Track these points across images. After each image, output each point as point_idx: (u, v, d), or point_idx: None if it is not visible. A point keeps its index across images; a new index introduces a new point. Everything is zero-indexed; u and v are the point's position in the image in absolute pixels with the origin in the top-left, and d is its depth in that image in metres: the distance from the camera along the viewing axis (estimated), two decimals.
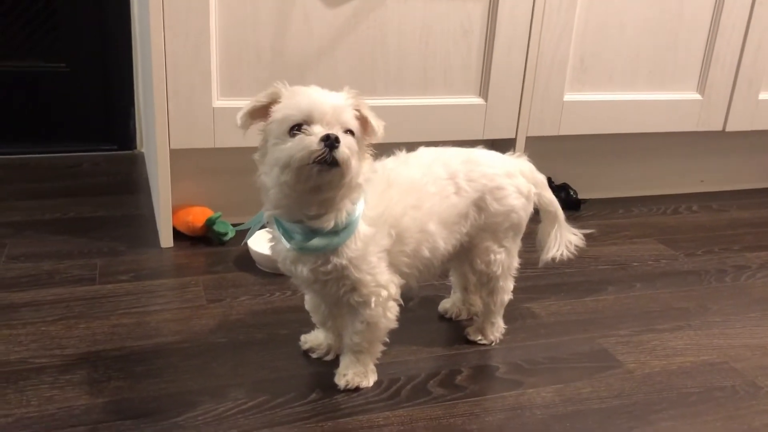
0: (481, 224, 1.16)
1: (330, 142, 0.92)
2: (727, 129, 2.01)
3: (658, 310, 1.44)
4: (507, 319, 1.33)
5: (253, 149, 1.03)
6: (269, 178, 0.99)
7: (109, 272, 1.44)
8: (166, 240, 1.57)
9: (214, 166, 1.64)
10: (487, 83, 1.70)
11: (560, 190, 1.98)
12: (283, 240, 1.03)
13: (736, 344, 1.32)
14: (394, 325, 1.11)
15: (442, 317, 1.36)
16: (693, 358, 1.27)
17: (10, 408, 1.01)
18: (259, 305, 1.35)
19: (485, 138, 1.75)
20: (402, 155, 1.17)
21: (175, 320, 1.28)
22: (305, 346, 1.20)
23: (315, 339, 1.20)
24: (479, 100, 1.72)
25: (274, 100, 0.99)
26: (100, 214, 1.74)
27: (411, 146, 1.44)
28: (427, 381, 1.15)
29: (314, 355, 1.19)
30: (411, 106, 1.67)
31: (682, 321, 1.40)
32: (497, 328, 1.27)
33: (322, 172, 0.93)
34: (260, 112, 1.00)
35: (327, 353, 1.19)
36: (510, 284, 1.25)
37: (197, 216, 1.59)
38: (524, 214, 1.20)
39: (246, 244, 1.47)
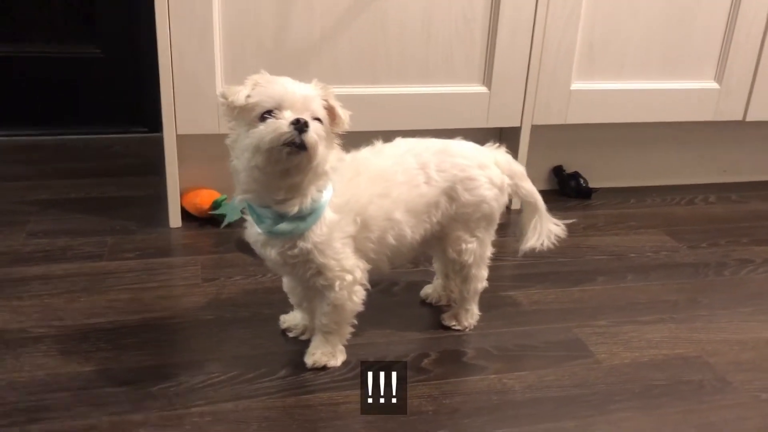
0: (452, 214, 1.20)
1: (300, 125, 0.97)
2: (748, 119, 1.96)
3: (644, 302, 1.44)
4: (487, 305, 1.37)
5: None
6: (240, 162, 1.05)
7: (118, 250, 1.54)
8: (175, 220, 1.66)
9: (221, 151, 1.71)
10: (491, 71, 1.72)
11: (571, 178, 1.98)
12: (255, 224, 1.10)
13: (716, 339, 1.32)
14: (359, 308, 1.16)
15: (424, 302, 1.40)
16: (667, 351, 1.27)
17: (4, 372, 1.12)
18: (250, 285, 1.42)
19: (489, 126, 1.77)
20: (378, 145, 1.21)
21: (168, 297, 1.37)
22: (283, 326, 1.27)
23: (292, 319, 1.27)
24: (483, 89, 1.73)
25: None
26: (122, 194, 1.84)
27: (411, 134, 1.48)
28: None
29: (291, 335, 1.26)
30: (413, 94, 1.70)
31: (666, 314, 1.40)
32: (471, 315, 1.31)
33: (291, 155, 0.99)
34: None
35: (302, 333, 1.25)
36: (483, 273, 1.28)
37: (204, 198, 1.67)
38: (496, 204, 1.22)
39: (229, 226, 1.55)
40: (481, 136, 1.82)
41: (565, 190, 1.99)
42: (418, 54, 1.67)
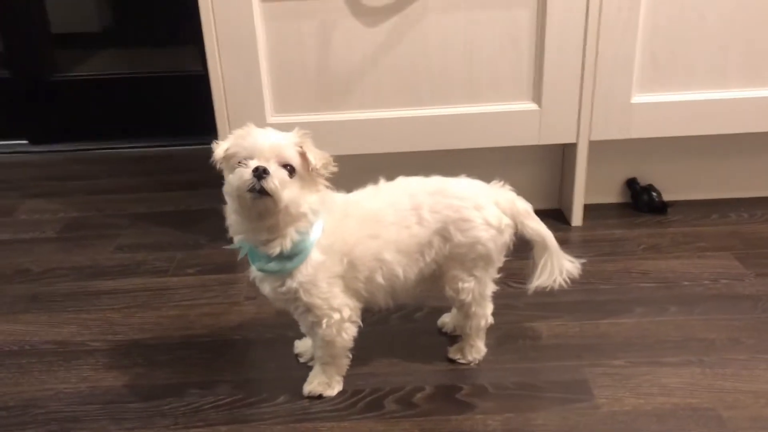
0: (446, 253, 1.22)
1: (258, 173, 1.05)
2: None
3: (676, 340, 1.36)
4: (504, 336, 1.38)
5: None
6: (228, 207, 1.15)
7: (182, 265, 1.72)
8: None
9: None
10: (540, 88, 1.67)
11: (643, 192, 1.88)
12: (250, 262, 1.20)
13: (743, 389, 1.23)
14: (350, 344, 1.22)
15: (440, 331, 1.43)
16: (678, 399, 1.21)
17: (55, 383, 1.32)
18: None
19: (542, 143, 1.73)
20: (377, 186, 1.25)
21: (210, 314, 1.51)
22: (296, 351, 1.37)
23: (303, 345, 1.36)
24: (532, 106, 1.70)
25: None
26: (203, 207, 2.03)
27: (461, 153, 1.49)
28: (387, 396, 1.25)
29: (302, 360, 1.35)
30: (458, 114, 1.70)
31: (696, 355, 1.32)
32: (476, 350, 1.32)
33: (256, 200, 1.07)
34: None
35: (311, 359, 1.34)
36: (486, 310, 1.29)
37: None
38: (493, 245, 1.22)
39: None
40: (541, 152, 1.82)
41: (638, 204, 1.89)
42: (461, 74, 1.67)
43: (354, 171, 1.25)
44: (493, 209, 1.22)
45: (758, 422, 1.15)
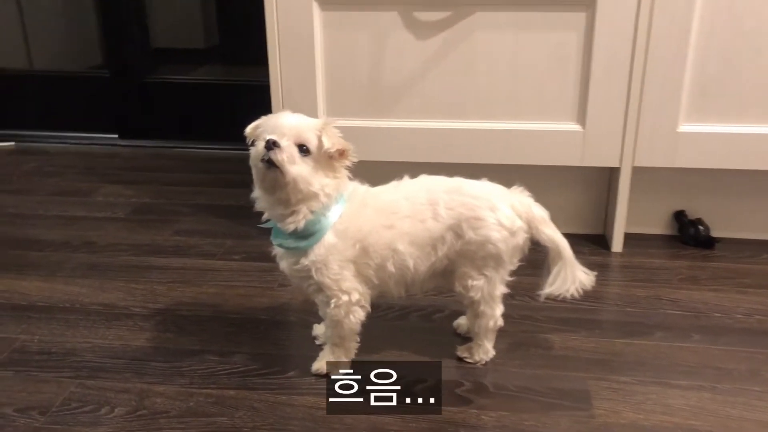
0: (458, 249, 1.26)
1: (268, 144, 1.15)
2: None
3: (692, 365, 1.34)
4: (517, 344, 1.40)
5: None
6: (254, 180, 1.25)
7: (231, 251, 1.84)
8: None
9: None
10: (584, 110, 1.70)
11: (690, 225, 1.85)
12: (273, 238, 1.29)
13: (750, 418, 1.20)
14: (357, 328, 1.28)
15: (455, 332, 1.46)
16: (680, 420, 1.19)
17: (94, 338, 1.44)
18: None
19: (584, 164, 1.75)
20: (399, 181, 1.32)
21: (243, 296, 1.61)
22: (313, 333, 1.44)
23: (320, 329, 1.42)
24: (576, 127, 1.72)
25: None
26: None
27: (505, 169, 1.54)
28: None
29: (317, 342, 1.42)
30: (502, 129, 1.74)
31: (709, 382, 1.29)
32: (484, 351, 1.35)
33: (267, 171, 1.17)
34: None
35: (325, 342, 1.40)
36: (496, 311, 1.32)
37: None
38: (504, 246, 1.26)
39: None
40: (588, 176, 1.83)
41: (684, 237, 1.86)
42: (506, 91, 1.72)
43: (394, 176, 1.32)
44: (507, 211, 1.26)
45: None
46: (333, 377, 1.30)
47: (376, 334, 1.39)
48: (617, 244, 1.82)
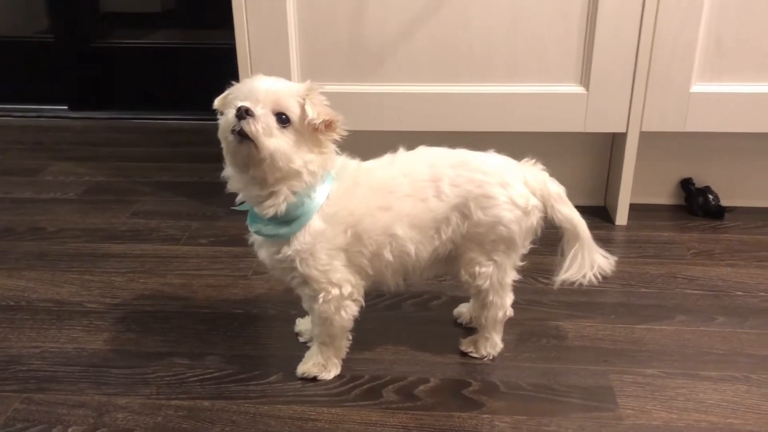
0: (464, 232, 1.10)
1: (240, 113, 0.96)
2: None
3: (721, 353, 1.21)
4: (528, 334, 1.26)
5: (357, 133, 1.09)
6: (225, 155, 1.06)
7: (196, 235, 1.65)
8: None
9: None
10: (589, 69, 1.53)
11: (699, 194, 1.71)
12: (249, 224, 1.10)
13: None
14: (349, 324, 1.12)
15: (456, 321, 1.31)
16: (717, 418, 1.06)
17: (44, 341, 1.25)
18: None
19: (587, 131, 1.59)
20: (394, 155, 1.14)
21: (213, 286, 1.43)
22: (296, 329, 1.27)
23: (304, 324, 1.26)
24: (579, 89, 1.56)
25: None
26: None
27: (500, 136, 1.37)
28: (387, 385, 1.13)
29: (301, 339, 1.25)
30: (499, 93, 1.57)
31: (743, 371, 1.16)
32: (492, 344, 1.19)
33: (239, 145, 0.98)
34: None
35: (311, 339, 1.23)
36: (506, 300, 1.16)
37: None
38: (516, 227, 1.09)
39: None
40: (589, 142, 1.67)
41: (692, 207, 1.73)
42: (504, 50, 1.55)
43: (382, 148, 1.14)
44: (520, 188, 1.10)
45: None
46: (321, 379, 1.14)
47: (366, 327, 1.22)
48: (621, 217, 1.68)
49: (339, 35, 1.56)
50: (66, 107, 2.55)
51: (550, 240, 1.16)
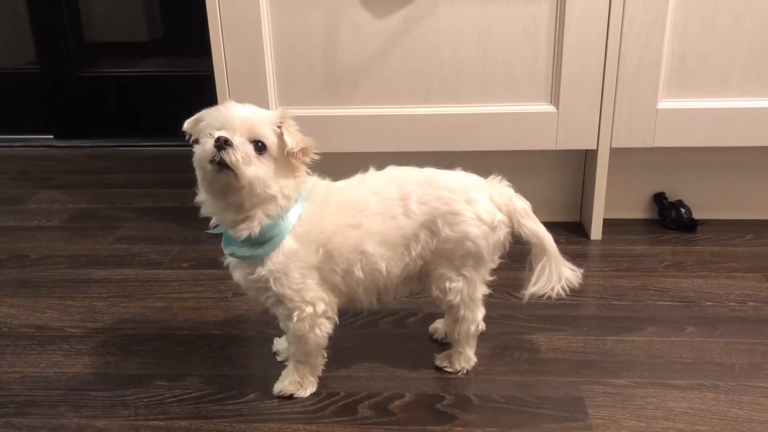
0: (433, 249, 1.12)
1: (219, 143, 0.99)
2: None
3: (690, 362, 1.23)
4: (501, 347, 1.28)
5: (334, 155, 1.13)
6: (199, 182, 1.09)
7: (178, 259, 1.67)
8: None
9: None
10: (558, 89, 1.57)
11: (671, 207, 1.74)
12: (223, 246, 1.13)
13: (761, 419, 1.09)
14: (323, 341, 1.14)
15: (431, 337, 1.33)
16: (684, 425, 1.08)
17: (24, 366, 1.27)
18: None
19: (559, 148, 1.63)
20: (364, 174, 1.17)
21: (194, 308, 1.45)
22: (274, 349, 1.29)
23: (282, 343, 1.28)
24: (550, 107, 1.60)
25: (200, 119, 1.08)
26: None
27: (474, 156, 1.40)
28: (362, 401, 1.15)
29: (279, 359, 1.27)
30: (471, 114, 1.61)
31: (711, 379, 1.18)
32: (465, 359, 1.21)
33: (218, 173, 1.01)
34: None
35: (288, 358, 1.25)
36: (477, 314, 1.19)
37: None
38: (484, 243, 1.12)
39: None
40: (562, 160, 1.71)
41: (665, 220, 1.76)
42: (474, 72, 1.59)
43: (357, 169, 1.17)
44: (486, 204, 1.13)
45: None
46: (297, 396, 1.16)
47: (342, 345, 1.25)
48: (596, 232, 1.71)
49: (314, 61, 1.59)
50: (51, 136, 2.57)
51: (521, 255, 1.19)
